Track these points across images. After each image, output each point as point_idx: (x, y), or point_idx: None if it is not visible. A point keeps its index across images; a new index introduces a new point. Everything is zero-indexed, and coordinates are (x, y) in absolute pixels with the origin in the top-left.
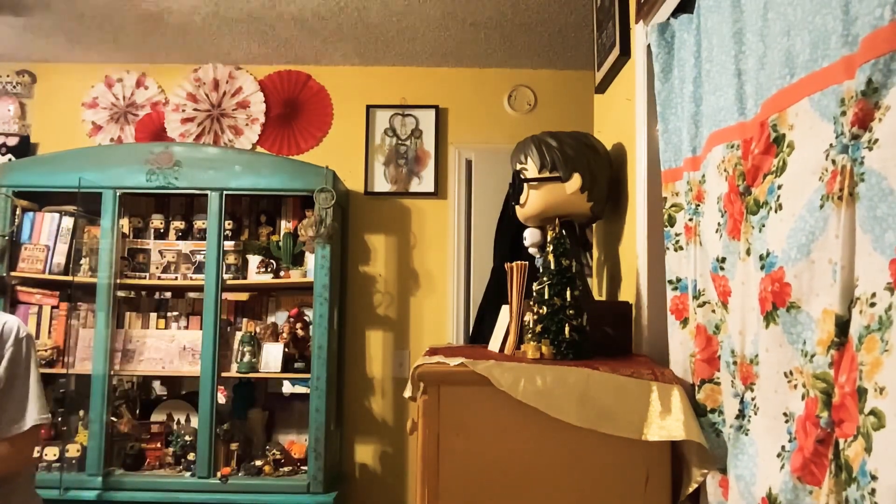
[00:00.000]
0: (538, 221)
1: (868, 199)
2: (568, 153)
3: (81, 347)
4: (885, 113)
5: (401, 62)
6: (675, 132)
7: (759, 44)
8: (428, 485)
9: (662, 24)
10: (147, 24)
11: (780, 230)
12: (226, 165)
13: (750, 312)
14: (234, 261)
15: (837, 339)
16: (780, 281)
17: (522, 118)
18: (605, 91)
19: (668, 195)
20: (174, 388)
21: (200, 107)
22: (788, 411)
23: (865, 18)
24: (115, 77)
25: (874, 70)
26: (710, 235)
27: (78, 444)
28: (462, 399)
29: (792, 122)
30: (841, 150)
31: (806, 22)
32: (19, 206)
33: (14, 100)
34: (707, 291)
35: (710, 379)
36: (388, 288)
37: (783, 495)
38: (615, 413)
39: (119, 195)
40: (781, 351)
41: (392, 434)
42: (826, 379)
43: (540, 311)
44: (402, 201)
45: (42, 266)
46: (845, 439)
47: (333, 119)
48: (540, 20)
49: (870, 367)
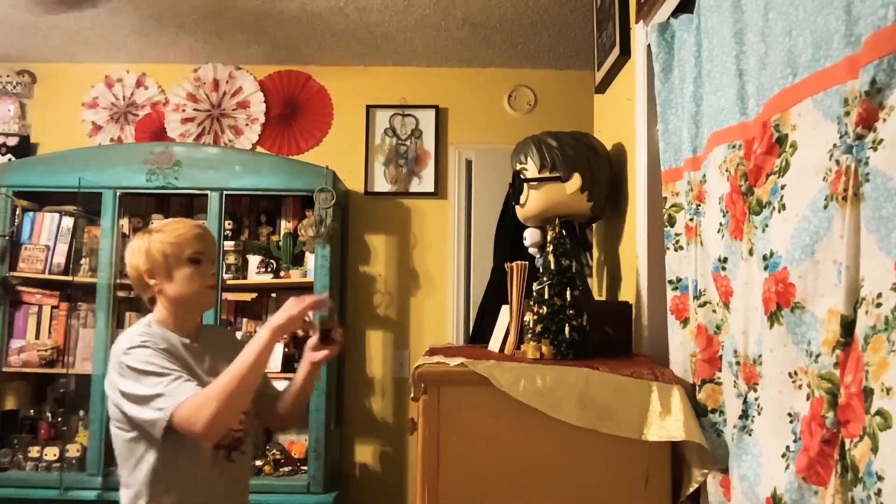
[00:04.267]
0: (538, 221)
1: (873, 199)
2: (568, 153)
3: (81, 347)
4: (889, 113)
5: (401, 62)
6: (676, 132)
7: (761, 44)
8: (428, 485)
9: (662, 24)
10: (147, 24)
11: (784, 230)
12: (226, 165)
13: (753, 313)
14: (234, 261)
15: (843, 339)
16: (784, 281)
17: (522, 118)
18: (605, 91)
19: (668, 195)
20: None
21: (200, 107)
22: (793, 411)
23: (868, 19)
24: (115, 77)
25: (878, 70)
26: (712, 235)
27: (78, 444)
28: (462, 399)
29: (795, 122)
30: (845, 150)
31: (808, 22)
32: (19, 206)
33: (14, 100)
34: (708, 291)
35: (711, 379)
36: (388, 288)
37: (788, 495)
38: (615, 413)
39: (119, 195)
40: (786, 351)
41: (392, 434)
42: (831, 379)
43: (540, 311)
44: (402, 201)
45: (42, 266)
46: (851, 439)
47: (333, 119)
48: (540, 20)
49: (876, 367)
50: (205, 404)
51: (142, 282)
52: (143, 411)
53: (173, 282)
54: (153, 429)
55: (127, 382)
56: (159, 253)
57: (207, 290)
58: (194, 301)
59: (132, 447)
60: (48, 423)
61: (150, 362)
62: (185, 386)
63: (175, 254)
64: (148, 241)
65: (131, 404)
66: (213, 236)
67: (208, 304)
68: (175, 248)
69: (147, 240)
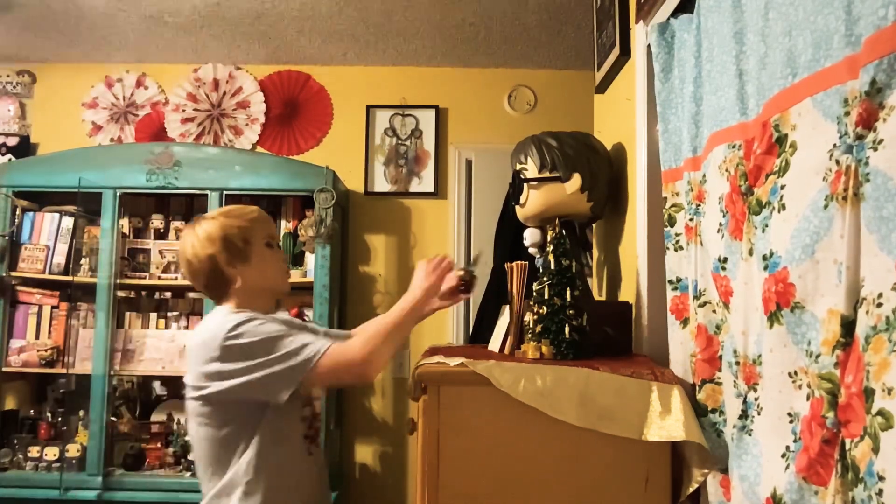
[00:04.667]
0: (538, 221)
1: (874, 199)
2: (568, 153)
3: (81, 347)
4: (889, 113)
5: (401, 62)
6: (676, 132)
7: (761, 44)
8: (428, 485)
9: (662, 24)
10: (147, 24)
11: (784, 230)
12: (226, 165)
13: (753, 313)
14: None
15: (843, 339)
16: (784, 281)
17: (522, 118)
18: (605, 91)
19: (668, 195)
20: (174, 388)
21: (200, 107)
22: (793, 411)
23: (868, 19)
24: (115, 77)
25: (878, 70)
26: (712, 235)
27: (78, 444)
28: (462, 399)
29: (794, 122)
30: (845, 150)
31: (808, 22)
32: (19, 206)
33: (14, 100)
34: (708, 291)
35: (711, 379)
36: (388, 288)
37: (788, 495)
38: (615, 413)
39: (119, 195)
40: (786, 351)
41: (392, 434)
42: (832, 379)
43: (540, 311)
44: (402, 201)
45: (42, 266)
46: (852, 440)
47: (333, 119)
48: (540, 20)
49: (877, 367)
50: (363, 341)
51: (216, 274)
52: (287, 363)
53: (253, 268)
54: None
55: (251, 354)
56: (238, 237)
57: (285, 276)
58: (274, 286)
59: (226, 443)
60: (48, 423)
61: (272, 329)
62: (323, 338)
63: (253, 237)
64: (219, 226)
65: (264, 371)
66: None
67: (285, 289)
68: (251, 233)
69: (217, 224)
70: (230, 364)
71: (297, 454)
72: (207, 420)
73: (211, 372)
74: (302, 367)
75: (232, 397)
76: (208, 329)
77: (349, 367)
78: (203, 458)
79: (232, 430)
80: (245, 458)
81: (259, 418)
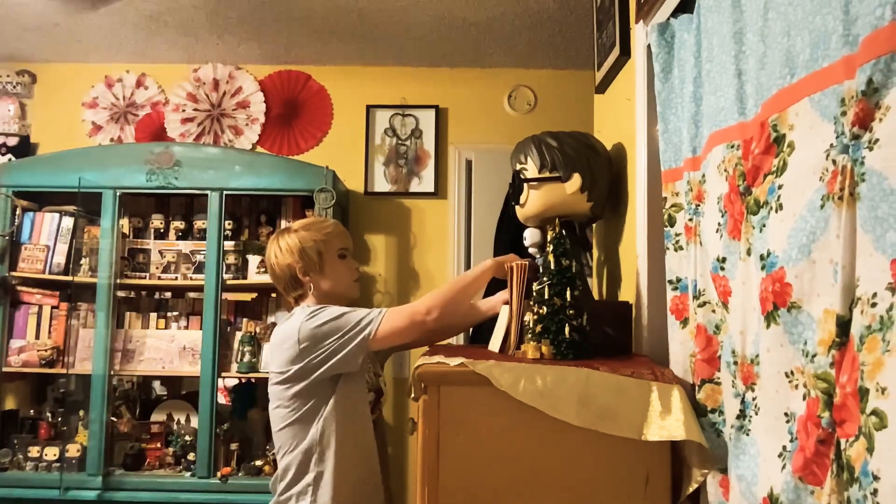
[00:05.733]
0: (538, 221)
1: (869, 199)
2: (568, 153)
3: (81, 347)
4: (885, 113)
5: (401, 62)
6: (676, 132)
7: (760, 44)
8: (428, 485)
9: (662, 24)
10: (147, 24)
11: (781, 230)
12: (226, 165)
13: (751, 312)
14: (234, 261)
15: (838, 339)
16: (780, 281)
17: (522, 118)
18: (605, 91)
19: (668, 195)
20: (174, 388)
21: (200, 107)
22: (789, 411)
23: (866, 18)
24: (115, 77)
25: (874, 70)
26: (711, 235)
27: (78, 444)
28: (462, 399)
29: (792, 122)
30: (841, 150)
31: (806, 22)
32: (19, 206)
33: (14, 100)
34: (707, 291)
35: (711, 379)
36: (388, 288)
37: (785, 495)
38: (615, 413)
39: (119, 195)
40: (782, 351)
41: (392, 434)
42: (827, 379)
43: (540, 311)
44: (402, 201)
45: (42, 266)
46: (847, 439)
47: (333, 119)
48: (539, 20)
49: (871, 367)
50: (425, 296)
51: (294, 280)
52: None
53: (326, 277)
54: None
55: (329, 333)
56: (313, 250)
57: (354, 284)
58: (344, 294)
59: (304, 418)
60: (48, 423)
61: (341, 308)
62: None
63: (326, 250)
64: (298, 239)
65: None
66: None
67: (355, 295)
68: (326, 245)
69: (297, 238)
70: (311, 343)
71: (364, 421)
72: (289, 401)
73: (294, 356)
74: (371, 326)
75: (314, 374)
76: (290, 325)
77: (412, 315)
78: (283, 435)
79: (310, 405)
80: (320, 427)
81: (332, 390)
